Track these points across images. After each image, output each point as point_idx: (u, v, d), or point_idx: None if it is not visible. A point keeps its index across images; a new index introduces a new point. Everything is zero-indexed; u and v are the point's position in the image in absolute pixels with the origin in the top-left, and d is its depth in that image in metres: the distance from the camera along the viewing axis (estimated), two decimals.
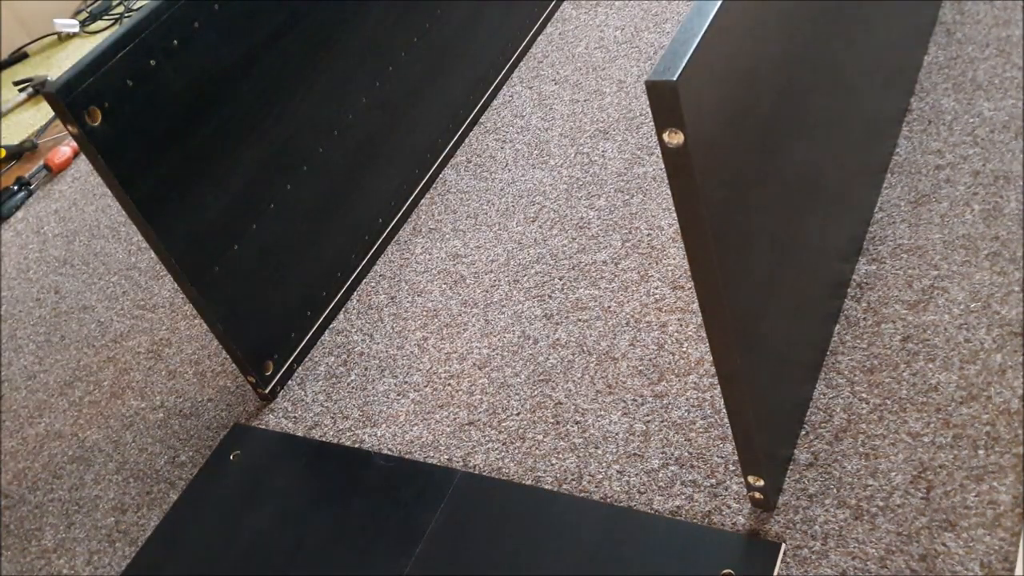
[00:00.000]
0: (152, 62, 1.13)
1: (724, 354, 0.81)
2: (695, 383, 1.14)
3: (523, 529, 1.06)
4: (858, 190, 1.19)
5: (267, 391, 1.36)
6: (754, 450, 0.91)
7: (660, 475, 1.06)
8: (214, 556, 1.18)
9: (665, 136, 0.64)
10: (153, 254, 1.56)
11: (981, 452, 0.95)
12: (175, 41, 1.15)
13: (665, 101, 0.62)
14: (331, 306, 1.47)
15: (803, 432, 1.04)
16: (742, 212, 0.77)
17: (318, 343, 1.44)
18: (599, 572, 0.99)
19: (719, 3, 0.66)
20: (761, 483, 0.94)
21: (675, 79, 0.60)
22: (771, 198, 0.85)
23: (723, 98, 0.70)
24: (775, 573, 0.92)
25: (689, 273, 1.27)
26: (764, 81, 0.79)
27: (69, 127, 1.06)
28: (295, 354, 1.41)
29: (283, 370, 1.39)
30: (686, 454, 1.07)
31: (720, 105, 0.69)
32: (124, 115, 1.11)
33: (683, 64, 0.61)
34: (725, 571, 0.94)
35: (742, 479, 1.01)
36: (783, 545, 0.94)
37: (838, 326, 1.12)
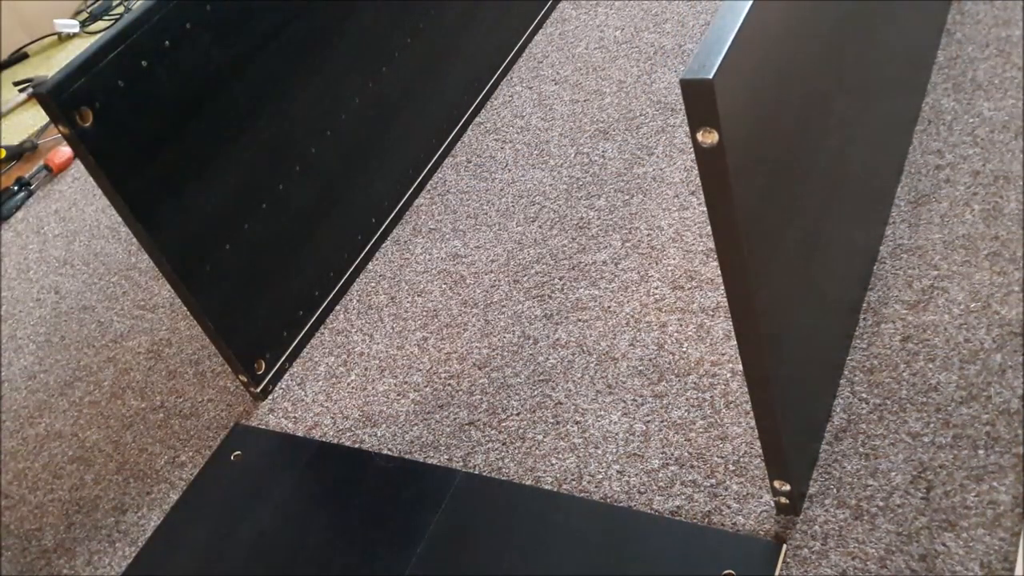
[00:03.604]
0: (144, 63, 1.13)
1: (754, 357, 0.79)
2: (695, 383, 1.13)
3: (523, 529, 1.06)
4: (878, 189, 1.18)
5: (259, 390, 1.36)
6: (782, 454, 0.89)
7: (660, 475, 1.06)
8: (214, 556, 1.18)
9: (699, 136, 0.62)
10: None
11: (981, 452, 0.95)
12: (167, 42, 1.15)
13: (700, 100, 0.60)
14: (324, 305, 1.47)
15: None
16: (773, 213, 0.76)
17: (318, 343, 1.44)
18: (599, 572, 0.99)
19: (751, 1, 0.64)
20: (787, 488, 0.93)
21: (711, 77, 0.58)
22: (800, 199, 0.84)
23: (756, 97, 0.68)
24: (776, 573, 0.92)
25: (688, 273, 1.27)
26: (795, 80, 0.77)
27: (60, 128, 1.06)
28: (287, 353, 1.41)
29: (275, 369, 1.39)
30: (686, 454, 1.07)
31: (753, 104, 0.68)
32: (115, 116, 1.10)
33: (719, 62, 0.59)
34: (726, 571, 0.94)
35: (742, 479, 1.01)
36: (784, 545, 0.94)
37: None
